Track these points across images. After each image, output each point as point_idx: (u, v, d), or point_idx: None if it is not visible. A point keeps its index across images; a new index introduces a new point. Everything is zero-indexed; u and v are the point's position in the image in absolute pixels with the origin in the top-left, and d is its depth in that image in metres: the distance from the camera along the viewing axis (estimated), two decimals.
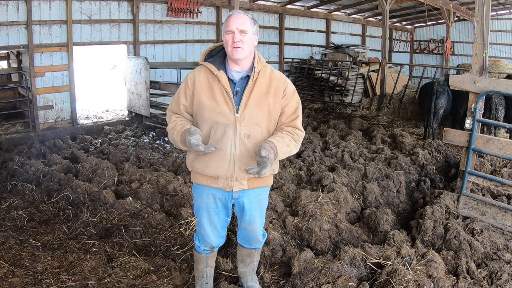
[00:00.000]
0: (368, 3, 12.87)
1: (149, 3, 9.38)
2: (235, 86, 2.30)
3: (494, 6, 13.23)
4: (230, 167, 2.30)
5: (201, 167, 2.35)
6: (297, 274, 2.93)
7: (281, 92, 2.34)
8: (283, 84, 2.36)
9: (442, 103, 7.13)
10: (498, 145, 3.90)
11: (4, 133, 7.50)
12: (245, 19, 2.24)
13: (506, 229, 3.69)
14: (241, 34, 2.21)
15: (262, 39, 12.05)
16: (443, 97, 7.14)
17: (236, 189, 2.35)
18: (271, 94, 2.31)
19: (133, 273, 3.06)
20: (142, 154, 6.20)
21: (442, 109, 7.15)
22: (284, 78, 2.42)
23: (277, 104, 2.34)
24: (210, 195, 2.42)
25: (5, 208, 4.22)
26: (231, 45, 2.22)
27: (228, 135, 2.26)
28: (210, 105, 2.28)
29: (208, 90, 2.29)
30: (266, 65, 2.36)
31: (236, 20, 2.22)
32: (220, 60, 2.33)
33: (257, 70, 2.31)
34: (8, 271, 3.00)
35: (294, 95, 2.39)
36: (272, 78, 2.34)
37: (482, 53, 4.09)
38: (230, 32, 2.22)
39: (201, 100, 2.30)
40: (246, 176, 2.33)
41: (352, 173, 5.02)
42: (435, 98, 7.15)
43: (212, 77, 2.30)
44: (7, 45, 7.42)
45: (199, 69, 2.37)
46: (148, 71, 8.14)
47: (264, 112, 2.30)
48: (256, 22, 2.31)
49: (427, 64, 14.98)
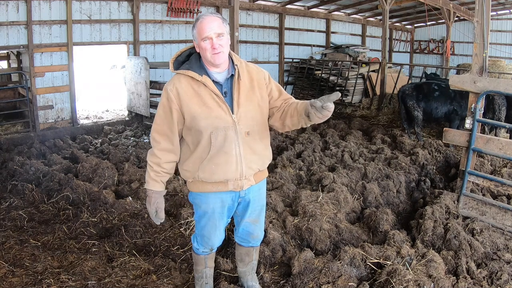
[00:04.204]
0: (368, 3, 12.86)
1: (149, 3, 9.38)
2: (222, 88, 2.26)
3: (494, 6, 13.23)
4: (238, 168, 2.29)
5: (207, 175, 2.29)
6: (297, 274, 2.93)
7: (262, 82, 2.34)
8: (261, 74, 2.37)
9: (412, 105, 7.08)
10: (498, 145, 3.90)
11: (4, 133, 7.51)
12: (219, 21, 2.17)
13: (506, 229, 3.69)
14: (218, 38, 2.16)
15: (262, 39, 12.07)
16: (411, 100, 7.07)
17: (246, 187, 2.35)
18: (256, 87, 2.31)
19: (133, 273, 3.06)
20: (142, 154, 6.20)
21: (415, 112, 7.08)
22: (259, 67, 2.42)
23: (264, 95, 2.34)
24: (218, 200, 2.38)
25: (5, 208, 4.22)
26: (212, 51, 2.16)
27: (230, 137, 2.23)
28: (203, 112, 2.20)
29: (196, 98, 2.20)
30: (241, 61, 2.34)
31: (210, 24, 2.14)
32: (198, 65, 2.24)
33: (239, 68, 2.28)
34: (8, 271, 3.00)
35: (271, 79, 2.41)
36: (250, 71, 2.33)
37: (482, 53, 4.08)
38: (207, 39, 2.14)
39: (192, 109, 2.20)
40: (253, 172, 2.35)
41: (352, 173, 5.02)
42: (403, 102, 7.19)
43: (197, 84, 2.21)
44: (7, 45, 7.42)
45: (178, 79, 2.24)
46: (148, 71, 8.15)
47: (255, 106, 2.30)
48: (225, 20, 2.26)
49: (427, 64, 14.98)
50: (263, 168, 2.44)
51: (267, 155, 2.43)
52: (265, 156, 2.41)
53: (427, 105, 7.02)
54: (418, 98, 7.07)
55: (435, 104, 6.94)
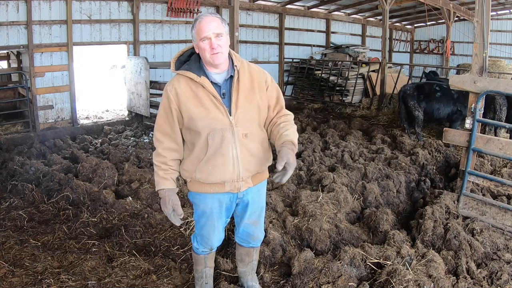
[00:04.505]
0: (368, 3, 12.87)
1: (149, 3, 9.38)
2: (221, 89, 2.25)
3: (494, 6, 13.23)
4: (235, 170, 2.28)
5: (204, 176, 2.29)
6: (297, 274, 2.93)
7: (263, 84, 2.33)
8: (263, 77, 2.35)
9: (413, 105, 7.08)
10: (498, 145, 3.90)
11: (4, 133, 7.51)
12: (218, 21, 2.16)
13: (506, 229, 3.69)
14: (217, 38, 2.15)
15: (262, 39, 12.07)
16: (412, 100, 7.07)
17: (243, 188, 2.35)
18: (256, 89, 2.29)
19: (133, 273, 3.06)
20: (142, 154, 6.20)
21: (416, 112, 7.09)
22: (262, 69, 2.40)
23: (264, 98, 2.33)
24: (215, 200, 2.38)
25: (5, 208, 4.22)
26: (210, 51, 2.15)
27: (227, 139, 2.23)
28: (200, 113, 2.20)
29: (194, 99, 2.20)
30: (242, 61, 2.32)
31: (209, 24, 2.13)
32: (197, 66, 2.24)
33: (239, 69, 2.27)
34: (8, 271, 3.00)
35: (273, 83, 2.40)
36: (251, 73, 2.32)
37: (482, 53, 4.08)
38: (206, 39, 2.13)
39: (189, 111, 2.21)
40: (251, 174, 2.34)
41: (352, 173, 5.02)
42: (404, 102, 7.19)
43: (195, 85, 2.21)
44: (7, 45, 7.42)
45: (177, 79, 2.25)
46: (148, 71, 8.15)
47: (254, 108, 2.29)
48: (225, 20, 2.24)
49: (427, 64, 14.98)
50: (262, 170, 2.43)
51: (266, 157, 2.41)
52: (263, 158, 2.39)
53: (428, 106, 7.02)
54: (419, 98, 7.07)
55: (437, 105, 6.94)
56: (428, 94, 7.01)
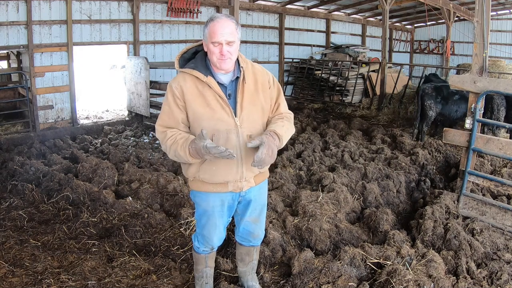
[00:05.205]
0: (368, 3, 12.87)
1: (149, 3, 9.38)
2: (227, 90, 2.25)
3: (494, 6, 13.23)
4: (239, 170, 2.29)
5: (207, 176, 2.29)
6: (297, 274, 2.93)
7: (266, 85, 2.34)
8: (266, 77, 2.36)
9: (429, 105, 7.09)
10: (498, 145, 3.90)
11: (4, 133, 7.51)
12: (232, 27, 2.13)
13: (506, 229, 3.69)
14: (228, 46, 2.13)
15: (262, 39, 12.07)
16: (430, 99, 7.08)
17: (245, 188, 2.36)
18: (259, 90, 2.30)
19: (133, 273, 3.06)
20: (142, 154, 6.20)
21: (431, 111, 7.10)
22: (265, 69, 2.39)
23: (267, 98, 2.34)
24: (218, 199, 2.39)
25: (5, 208, 4.22)
26: (219, 57, 2.14)
27: (231, 140, 2.23)
28: (206, 113, 2.19)
29: (200, 98, 2.19)
30: (247, 61, 2.32)
31: (223, 30, 2.10)
32: (203, 65, 2.23)
33: (245, 70, 2.27)
34: (8, 271, 3.00)
35: (275, 83, 2.40)
36: (255, 73, 2.32)
37: (482, 53, 4.08)
38: (218, 44, 2.12)
39: (195, 110, 2.19)
40: (253, 174, 2.35)
41: (352, 173, 5.02)
42: (422, 100, 7.17)
43: (201, 84, 2.20)
44: (7, 45, 7.42)
45: (183, 77, 2.22)
46: (148, 71, 8.15)
47: (258, 109, 2.30)
48: (239, 24, 2.22)
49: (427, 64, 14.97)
50: (264, 170, 2.44)
51: None
52: None
53: (444, 107, 7.06)
54: (437, 99, 7.09)
55: (455, 107, 6.98)
56: (445, 96, 7.01)
